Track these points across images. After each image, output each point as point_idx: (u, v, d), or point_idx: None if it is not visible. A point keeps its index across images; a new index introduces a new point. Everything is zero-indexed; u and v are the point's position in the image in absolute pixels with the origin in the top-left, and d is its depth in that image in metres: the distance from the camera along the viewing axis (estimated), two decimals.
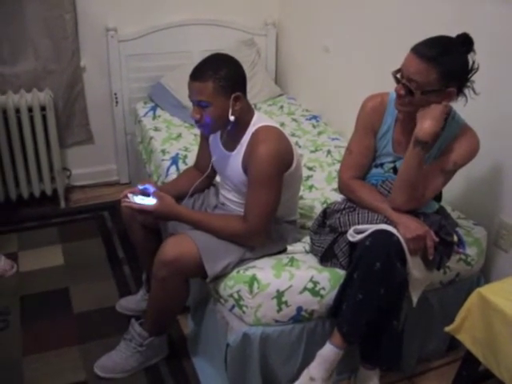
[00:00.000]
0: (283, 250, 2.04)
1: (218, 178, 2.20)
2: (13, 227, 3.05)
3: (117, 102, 3.38)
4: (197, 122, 1.87)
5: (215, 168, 2.11)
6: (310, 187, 2.50)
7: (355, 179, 1.97)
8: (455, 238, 1.94)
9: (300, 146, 2.89)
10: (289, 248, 2.05)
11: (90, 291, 2.55)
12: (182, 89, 2.09)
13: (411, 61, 1.70)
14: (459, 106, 1.83)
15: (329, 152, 2.83)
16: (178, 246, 1.86)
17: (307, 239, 2.08)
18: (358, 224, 1.86)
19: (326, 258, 1.95)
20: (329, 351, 1.81)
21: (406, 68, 1.71)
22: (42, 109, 3.04)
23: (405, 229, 1.75)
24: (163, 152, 2.78)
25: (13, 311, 2.41)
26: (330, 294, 1.88)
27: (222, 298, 1.92)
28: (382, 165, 1.97)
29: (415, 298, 1.86)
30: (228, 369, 1.92)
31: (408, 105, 1.76)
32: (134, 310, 2.40)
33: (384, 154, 1.96)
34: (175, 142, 2.90)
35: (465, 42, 1.71)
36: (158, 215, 1.91)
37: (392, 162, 1.95)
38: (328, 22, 3.16)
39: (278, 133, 1.89)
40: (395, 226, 1.77)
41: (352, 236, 1.83)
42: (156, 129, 3.06)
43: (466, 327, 1.65)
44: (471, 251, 2.08)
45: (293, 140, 1.98)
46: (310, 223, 2.13)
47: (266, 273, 1.87)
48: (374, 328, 1.83)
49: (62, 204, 3.32)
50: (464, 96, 1.78)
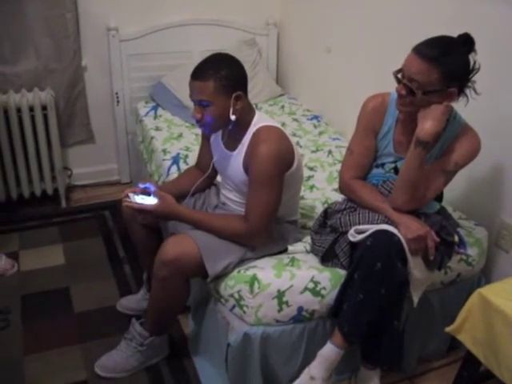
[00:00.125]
0: (284, 250, 2.04)
1: (218, 178, 2.20)
2: (14, 226, 3.05)
3: (118, 102, 3.39)
4: (198, 121, 1.87)
5: (216, 168, 2.11)
6: (311, 187, 2.50)
7: (356, 179, 1.97)
8: (456, 239, 1.94)
9: (301, 146, 2.89)
10: (290, 248, 2.04)
11: (90, 290, 2.55)
12: (183, 88, 2.09)
13: (412, 61, 1.69)
14: (460, 106, 1.83)
15: (330, 152, 2.83)
16: (179, 245, 1.86)
17: (308, 239, 2.08)
18: (359, 224, 1.86)
19: (327, 257, 1.95)
20: (329, 351, 1.81)
21: (408, 68, 1.71)
22: (44, 108, 3.04)
23: (406, 229, 1.75)
24: (164, 152, 2.78)
25: (13, 310, 2.41)
26: (331, 294, 1.88)
27: (222, 297, 1.92)
28: (382, 165, 1.97)
29: (416, 299, 1.86)
30: (229, 369, 1.92)
31: (409, 105, 1.76)
32: (134, 309, 2.40)
33: (385, 154, 1.96)
34: (176, 141, 2.90)
35: (466, 42, 1.71)
36: (158, 215, 1.91)
37: (393, 162, 1.95)
38: (329, 22, 3.16)
39: (279, 133, 1.89)
40: (396, 227, 1.77)
41: (353, 236, 1.83)
42: (157, 128, 3.06)
43: (467, 328, 1.65)
44: (472, 251, 2.08)
45: (294, 140, 1.98)
46: (311, 223, 2.13)
47: (267, 273, 1.87)
48: (374, 328, 1.82)
49: (63, 203, 3.32)
50: (465, 96, 1.78)
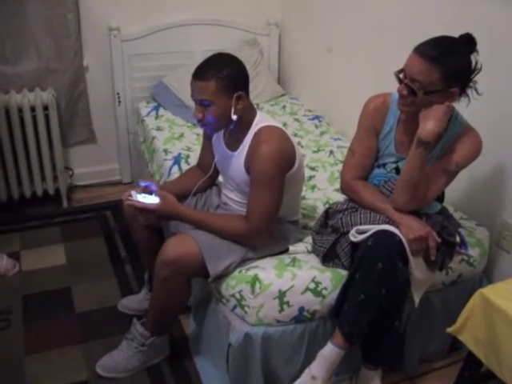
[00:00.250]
0: (285, 250, 2.04)
1: (220, 178, 2.20)
2: (15, 226, 3.06)
3: (119, 102, 3.39)
4: (199, 121, 1.87)
5: (218, 168, 2.11)
6: (313, 187, 2.50)
7: (357, 179, 1.97)
8: (457, 239, 1.94)
9: (302, 146, 2.88)
10: (291, 248, 2.04)
11: (92, 291, 2.55)
12: (185, 88, 2.09)
13: (414, 61, 1.69)
14: (461, 107, 1.83)
15: (331, 152, 2.83)
16: (180, 245, 1.86)
17: (309, 239, 2.08)
18: (360, 224, 1.86)
19: (328, 258, 1.95)
20: (330, 351, 1.81)
21: (409, 68, 1.71)
22: (45, 108, 3.04)
23: (407, 229, 1.75)
24: (165, 152, 2.78)
25: (15, 310, 2.41)
26: (332, 294, 1.88)
27: (223, 297, 1.92)
28: (384, 165, 1.97)
29: (417, 299, 1.86)
30: (230, 369, 1.92)
31: (410, 105, 1.76)
32: (135, 309, 2.40)
33: (386, 154, 1.96)
34: (177, 141, 2.90)
35: (468, 42, 1.71)
36: (160, 214, 1.91)
37: (394, 162, 1.95)
38: (330, 23, 3.16)
39: (281, 133, 1.89)
40: (397, 227, 1.77)
41: (354, 236, 1.83)
42: (158, 128, 3.06)
43: (468, 328, 1.65)
44: (473, 252, 2.07)
45: (295, 140, 1.97)
46: (313, 223, 2.13)
47: (268, 273, 1.87)
48: (375, 328, 1.82)
49: (65, 203, 3.32)
50: (467, 96, 1.78)
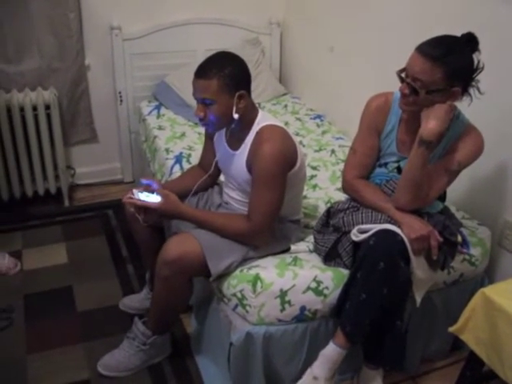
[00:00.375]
0: (287, 250, 2.03)
1: (222, 177, 2.20)
2: (17, 225, 3.06)
3: (121, 101, 3.38)
4: (201, 119, 1.87)
5: (219, 167, 2.11)
6: (314, 186, 2.50)
7: (359, 179, 1.96)
8: (459, 238, 1.93)
9: (304, 146, 2.88)
10: (292, 247, 2.04)
11: (93, 290, 2.55)
12: (187, 88, 2.09)
13: (416, 60, 1.69)
14: (463, 106, 1.83)
15: (333, 151, 2.83)
16: (182, 244, 1.85)
17: (311, 238, 2.08)
18: (362, 224, 1.85)
19: (330, 257, 1.94)
20: (332, 351, 1.81)
21: (411, 67, 1.71)
22: (47, 107, 3.04)
23: (409, 229, 1.75)
24: (167, 151, 2.78)
25: (16, 309, 2.41)
26: (334, 294, 1.88)
27: (225, 297, 1.92)
28: (386, 164, 1.97)
29: (419, 298, 1.86)
30: (231, 368, 1.92)
31: (412, 104, 1.75)
32: (137, 308, 2.40)
33: (388, 153, 1.95)
34: (179, 140, 2.90)
35: (470, 42, 1.71)
36: (162, 213, 1.90)
37: (396, 161, 1.94)
38: (332, 22, 3.15)
39: (283, 132, 1.89)
40: (399, 226, 1.77)
41: (356, 235, 1.83)
42: (160, 127, 3.06)
43: (470, 327, 1.64)
44: (475, 251, 2.07)
45: (297, 139, 1.97)
46: (314, 222, 2.13)
47: (270, 272, 1.87)
48: (377, 328, 1.82)
49: (66, 202, 3.33)
50: (469, 95, 1.78)
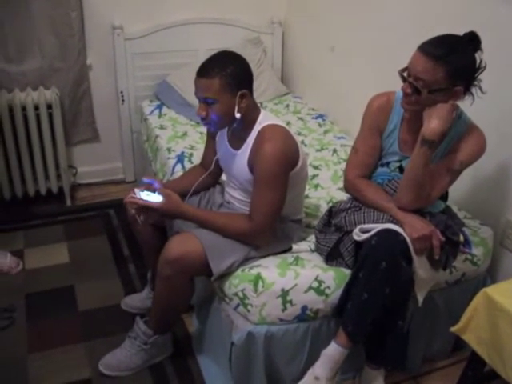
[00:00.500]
0: (288, 249, 2.03)
1: (223, 177, 2.20)
2: (19, 225, 3.06)
3: (123, 101, 3.38)
4: (203, 119, 1.87)
5: (221, 166, 2.11)
6: (316, 186, 2.50)
7: (361, 178, 1.96)
8: (461, 238, 1.93)
9: (306, 145, 2.88)
10: (294, 247, 2.04)
11: (95, 289, 2.56)
12: (188, 87, 2.09)
13: (418, 59, 1.69)
14: (465, 105, 1.83)
15: (335, 151, 2.82)
16: (183, 244, 1.85)
17: (312, 238, 2.08)
18: (364, 223, 1.85)
19: (332, 257, 1.94)
20: (333, 350, 1.81)
21: (413, 66, 1.70)
22: (49, 107, 3.04)
23: (411, 228, 1.74)
24: (169, 150, 2.78)
25: (18, 308, 2.41)
26: (335, 293, 1.87)
27: (226, 296, 1.92)
28: (388, 164, 1.96)
29: (421, 298, 1.86)
30: (232, 367, 1.92)
31: (414, 103, 1.75)
32: (138, 308, 2.40)
33: (390, 153, 1.95)
34: (181, 140, 2.90)
35: (472, 41, 1.70)
36: (163, 213, 1.91)
37: (398, 161, 1.94)
38: (334, 21, 3.15)
39: (284, 131, 1.89)
40: (401, 226, 1.77)
41: (357, 235, 1.83)
42: (162, 127, 3.06)
43: (472, 327, 1.64)
44: (477, 251, 2.07)
45: (299, 139, 1.97)
46: (316, 222, 2.13)
47: (271, 271, 1.87)
48: (379, 328, 1.82)
49: (68, 202, 3.33)
50: (471, 95, 1.77)
